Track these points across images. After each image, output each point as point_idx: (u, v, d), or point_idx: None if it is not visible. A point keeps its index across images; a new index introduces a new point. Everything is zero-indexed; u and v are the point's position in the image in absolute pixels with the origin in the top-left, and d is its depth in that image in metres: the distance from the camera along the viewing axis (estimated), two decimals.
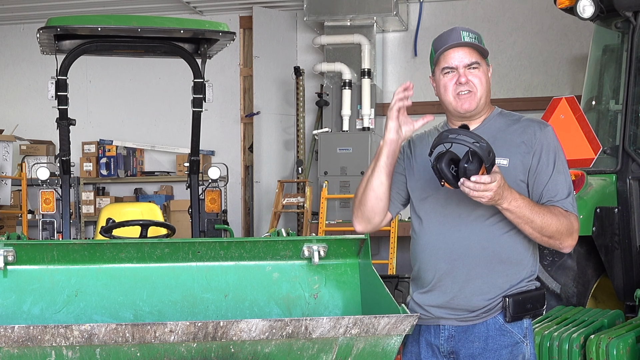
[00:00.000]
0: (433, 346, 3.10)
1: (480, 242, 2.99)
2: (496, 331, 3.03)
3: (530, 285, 3.08)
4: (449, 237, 3.02)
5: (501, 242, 3.00)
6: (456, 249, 3.01)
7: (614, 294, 5.58)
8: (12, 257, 3.16)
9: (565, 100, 5.66)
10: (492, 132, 3.07)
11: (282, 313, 3.36)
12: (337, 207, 9.74)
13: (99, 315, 3.27)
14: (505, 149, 3.02)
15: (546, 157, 3.01)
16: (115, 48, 6.06)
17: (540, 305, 3.10)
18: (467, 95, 3.03)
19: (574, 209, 3.01)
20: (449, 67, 3.04)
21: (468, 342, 3.05)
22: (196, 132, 6.43)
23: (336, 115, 10.18)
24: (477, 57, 3.04)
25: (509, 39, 10.21)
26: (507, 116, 3.14)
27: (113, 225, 5.92)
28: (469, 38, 3.03)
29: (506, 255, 3.00)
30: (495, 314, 3.03)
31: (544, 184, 3.00)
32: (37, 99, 11.30)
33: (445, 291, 3.04)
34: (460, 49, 3.02)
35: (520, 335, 3.06)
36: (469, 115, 3.07)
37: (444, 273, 3.03)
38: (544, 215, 2.92)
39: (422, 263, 3.10)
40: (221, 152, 11.08)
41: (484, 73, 3.06)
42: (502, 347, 3.03)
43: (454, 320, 3.06)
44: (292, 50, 10.93)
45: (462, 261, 3.01)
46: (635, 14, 5.61)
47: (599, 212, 5.38)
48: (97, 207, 10.86)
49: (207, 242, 3.34)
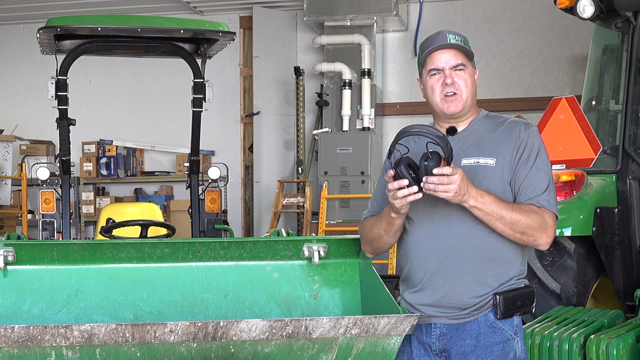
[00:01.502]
0: (425, 344, 3.11)
1: (470, 240, 3.02)
2: (487, 328, 3.05)
3: (520, 283, 3.10)
4: (439, 236, 3.04)
5: (490, 241, 3.02)
6: (446, 248, 3.03)
7: (614, 294, 5.58)
8: (12, 257, 3.16)
9: (565, 100, 5.66)
10: (479, 133, 3.11)
11: (282, 313, 3.36)
12: (337, 207, 9.74)
13: (99, 315, 3.27)
14: (491, 150, 3.06)
15: (527, 154, 3.05)
16: (115, 48, 6.06)
17: (529, 303, 3.12)
18: (453, 97, 3.06)
19: (549, 205, 3.03)
20: (435, 69, 3.07)
21: (459, 339, 3.06)
22: (196, 132, 6.43)
23: (336, 115, 10.19)
24: (463, 59, 3.08)
25: (509, 39, 10.21)
26: (493, 118, 3.18)
27: (113, 225, 5.91)
28: (455, 40, 3.06)
29: (495, 253, 3.03)
30: (486, 311, 3.05)
31: (522, 180, 3.04)
32: (37, 99, 11.30)
33: (436, 290, 3.05)
34: (446, 51, 3.06)
35: (511, 332, 3.08)
36: (455, 116, 3.11)
37: (435, 272, 3.05)
38: (513, 211, 2.95)
39: (413, 262, 3.11)
40: (221, 152, 11.08)
41: (470, 75, 3.09)
42: (494, 344, 3.05)
43: (445, 318, 3.07)
44: (292, 50, 10.93)
45: (453, 260, 3.02)
46: (635, 14, 5.61)
47: (599, 212, 5.38)
48: (97, 207, 10.86)
49: (207, 242, 3.34)
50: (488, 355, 3.05)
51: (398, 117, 10.48)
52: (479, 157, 3.05)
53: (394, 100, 10.61)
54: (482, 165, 3.04)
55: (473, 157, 3.06)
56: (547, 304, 5.22)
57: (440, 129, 3.14)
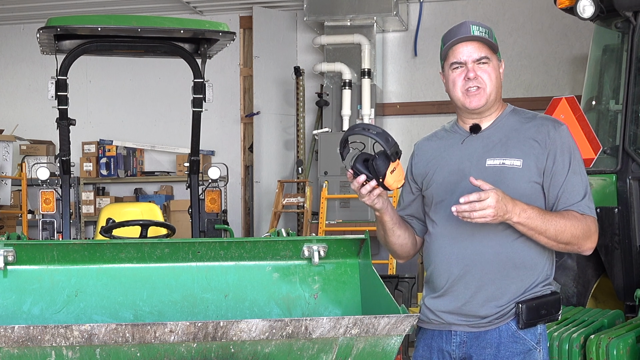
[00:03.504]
0: (444, 352, 3.05)
1: (493, 246, 2.93)
2: (508, 338, 2.96)
3: (546, 290, 3.01)
4: (462, 242, 2.96)
5: (515, 247, 2.93)
6: (469, 254, 2.95)
7: (614, 294, 5.58)
8: (12, 257, 3.16)
9: (565, 100, 5.66)
10: (504, 131, 3.00)
11: (282, 313, 3.36)
12: (337, 207, 9.74)
13: (99, 315, 3.27)
14: (518, 149, 2.94)
15: (561, 157, 2.94)
16: (115, 48, 6.06)
17: (555, 311, 3.02)
18: (476, 91, 2.94)
19: (590, 211, 2.94)
20: (457, 62, 2.96)
21: (480, 348, 2.98)
22: (196, 132, 6.43)
23: (336, 115, 10.18)
24: (487, 52, 2.96)
25: (509, 39, 10.21)
26: (520, 114, 3.05)
27: (113, 225, 5.91)
28: (479, 32, 2.94)
29: (520, 260, 2.94)
30: (507, 320, 2.96)
31: (559, 186, 2.93)
32: (37, 99, 11.30)
33: (457, 297, 2.98)
34: (469, 43, 2.94)
35: (534, 342, 2.99)
36: (478, 112, 2.99)
37: (457, 278, 2.98)
38: (557, 222, 2.83)
39: (435, 267, 3.04)
40: (221, 152, 11.08)
41: (494, 68, 2.97)
42: (515, 354, 2.96)
43: (466, 326, 3.00)
44: (292, 50, 10.93)
45: (475, 267, 2.94)
46: (635, 14, 5.61)
47: (599, 212, 5.38)
48: (97, 207, 10.86)
49: (207, 242, 3.34)
50: None
51: (398, 117, 10.48)
52: (504, 158, 2.94)
53: (394, 100, 10.61)
54: (508, 167, 2.93)
55: (498, 158, 2.94)
56: None
57: (464, 125, 3.05)
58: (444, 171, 3.04)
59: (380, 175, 2.80)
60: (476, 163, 2.97)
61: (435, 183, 3.06)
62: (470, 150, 3.01)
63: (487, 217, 2.71)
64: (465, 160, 3.00)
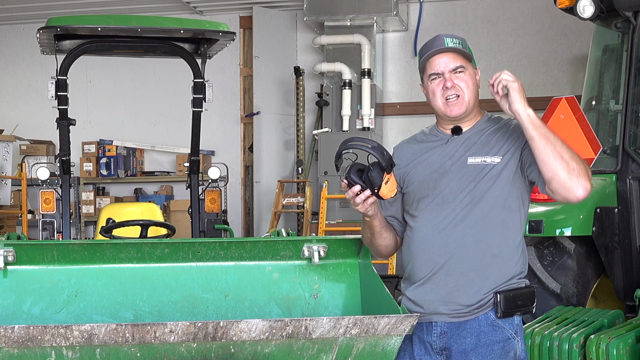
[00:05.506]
0: (426, 343, 3.12)
1: (474, 235, 3.03)
2: (488, 327, 3.06)
3: (521, 282, 3.12)
4: (444, 232, 3.06)
5: (493, 237, 3.04)
6: (451, 243, 3.04)
7: (614, 294, 5.58)
8: (12, 257, 3.16)
9: (565, 100, 5.66)
10: (485, 133, 3.13)
11: (282, 313, 3.36)
12: (337, 207, 9.74)
13: (99, 315, 3.27)
14: (497, 148, 3.08)
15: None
16: (115, 48, 6.06)
17: (530, 303, 3.12)
18: (455, 100, 3.09)
19: None
20: (435, 73, 3.10)
21: (460, 338, 3.07)
22: (196, 132, 6.43)
23: (336, 115, 10.19)
24: (462, 61, 3.10)
25: (509, 39, 10.21)
26: (497, 120, 3.20)
27: (113, 225, 5.91)
28: (453, 43, 3.09)
29: (498, 249, 3.04)
30: (486, 310, 3.06)
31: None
32: (37, 99, 11.30)
33: (439, 285, 3.07)
34: (445, 55, 3.09)
35: (512, 331, 3.09)
36: (459, 119, 3.13)
37: (439, 267, 3.06)
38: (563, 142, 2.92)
39: (417, 259, 3.12)
40: (221, 152, 11.08)
41: (471, 76, 3.12)
42: (494, 342, 3.06)
43: (446, 316, 3.08)
44: (292, 50, 10.93)
45: (457, 255, 3.04)
46: (635, 14, 5.60)
47: (599, 212, 5.38)
48: (97, 207, 10.86)
49: (207, 242, 3.35)
50: (488, 354, 3.06)
51: (398, 117, 10.49)
52: (485, 156, 3.07)
53: (394, 100, 10.61)
54: (489, 164, 3.06)
55: (479, 156, 3.08)
56: (547, 304, 5.22)
57: (444, 130, 3.18)
58: (426, 170, 3.16)
59: (375, 186, 2.92)
60: (457, 161, 3.11)
61: (417, 181, 3.16)
62: (452, 150, 3.14)
63: (511, 78, 2.98)
64: (447, 159, 3.13)
